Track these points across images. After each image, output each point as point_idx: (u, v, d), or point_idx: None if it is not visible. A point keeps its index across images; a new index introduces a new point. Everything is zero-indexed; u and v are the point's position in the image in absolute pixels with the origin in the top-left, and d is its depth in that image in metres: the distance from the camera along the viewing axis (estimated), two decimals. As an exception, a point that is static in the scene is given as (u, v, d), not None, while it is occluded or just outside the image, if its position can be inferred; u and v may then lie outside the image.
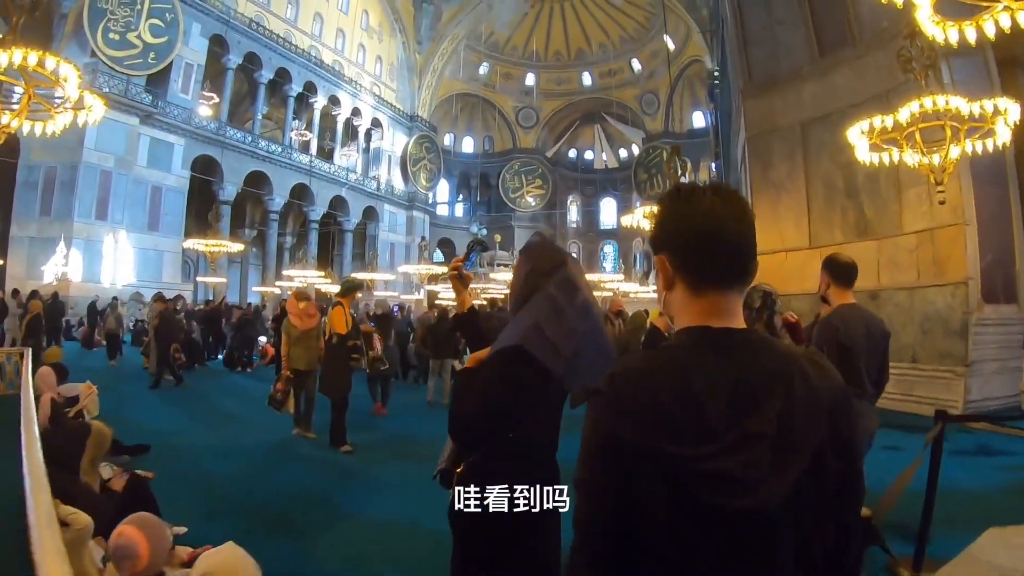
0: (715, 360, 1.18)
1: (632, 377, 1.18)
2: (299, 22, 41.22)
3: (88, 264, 26.71)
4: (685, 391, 1.13)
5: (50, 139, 25.37)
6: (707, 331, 1.23)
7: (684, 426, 1.11)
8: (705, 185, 1.29)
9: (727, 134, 28.20)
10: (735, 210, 1.25)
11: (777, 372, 1.17)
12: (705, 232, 1.23)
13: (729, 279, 1.26)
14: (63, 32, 28.19)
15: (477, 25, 49.98)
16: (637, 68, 52.76)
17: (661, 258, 1.30)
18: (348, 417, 8.67)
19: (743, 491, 1.08)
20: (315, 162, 40.95)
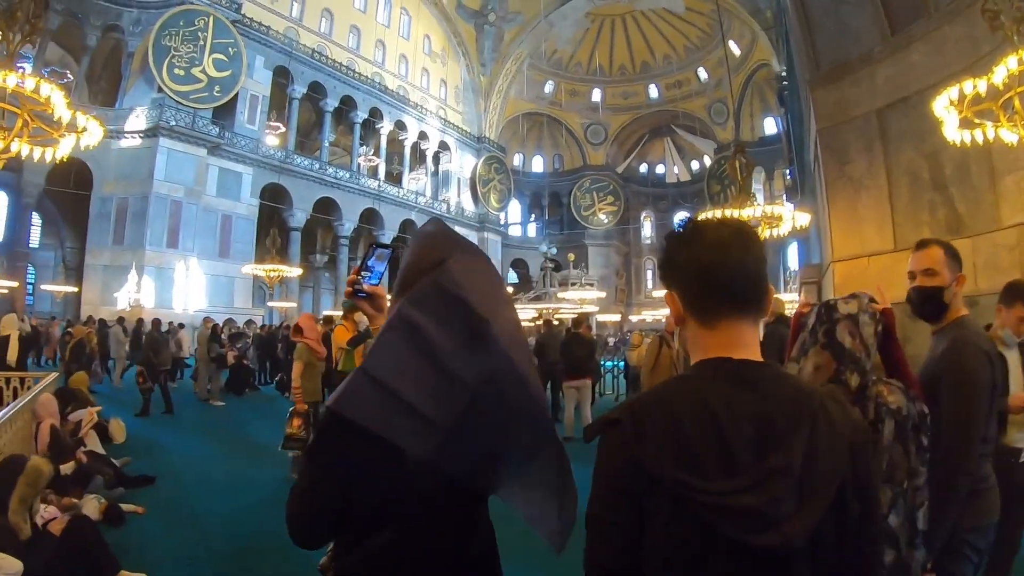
0: (737, 392, 1.16)
1: (654, 406, 1.18)
2: (361, 50, 41.99)
3: (160, 290, 27.72)
4: (709, 422, 1.12)
5: (120, 172, 27.04)
6: (727, 363, 1.21)
7: (708, 458, 1.10)
8: (713, 220, 1.32)
9: (799, 137, 27.19)
10: (741, 241, 1.25)
11: (800, 407, 1.15)
12: (710, 265, 1.24)
13: (738, 311, 1.25)
14: (131, 70, 29.46)
15: (539, 44, 49.85)
16: (704, 77, 51.77)
17: (671, 294, 1.31)
18: None
19: (769, 527, 1.06)
20: (383, 187, 41.56)
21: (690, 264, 1.27)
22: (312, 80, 36.61)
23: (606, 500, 1.18)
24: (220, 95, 30.52)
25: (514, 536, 2.01)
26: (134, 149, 28.51)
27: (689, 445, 1.11)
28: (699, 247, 1.26)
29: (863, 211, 12.35)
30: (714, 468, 1.09)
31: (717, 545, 1.08)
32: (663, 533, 1.11)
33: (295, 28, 36.95)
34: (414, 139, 44.76)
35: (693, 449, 1.10)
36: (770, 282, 1.31)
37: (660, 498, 1.11)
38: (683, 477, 1.08)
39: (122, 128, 28.44)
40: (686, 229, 1.31)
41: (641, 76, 54.98)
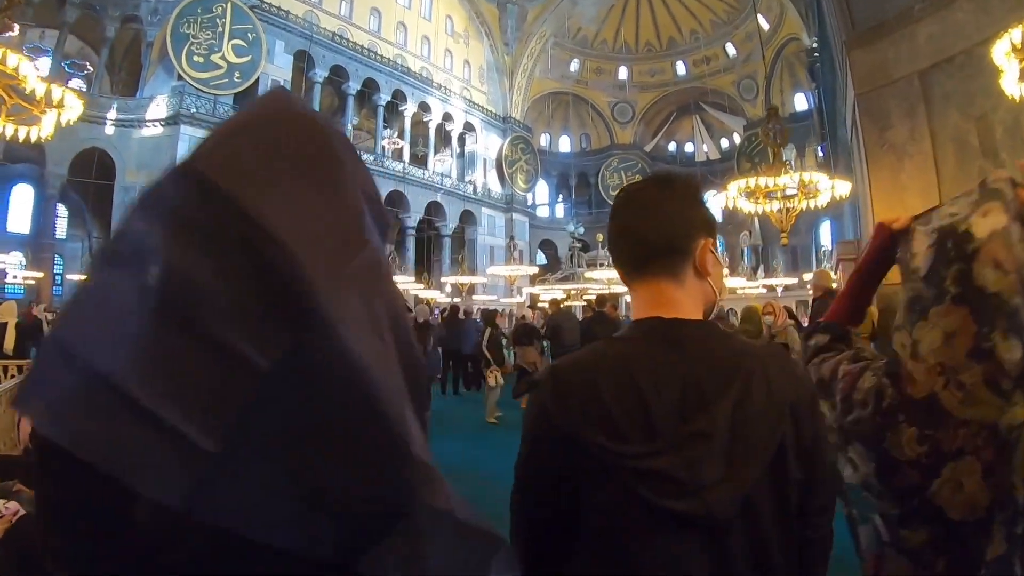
0: (663, 353, 1.15)
1: (574, 368, 1.18)
2: (383, 32, 41.74)
3: None
4: (629, 386, 1.11)
5: (143, 160, 27.08)
6: (655, 321, 1.20)
7: (628, 423, 1.08)
8: (653, 176, 1.32)
9: (832, 111, 26.51)
10: (637, 203, 1.27)
11: (732, 368, 1.12)
12: (614, 232, 1.30)
13: (649, 272, 1.24)
14: (150, 59, 29.73)
15: (563, 22, 49.22)
16: (732, 53, 50.66)
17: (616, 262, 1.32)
18: None
19: (687, 493, 1.04)
20: (408, 169, 41.22)
21: (608, 230, 1.33)
22: (333, 64, 36.47)
23: (529, 462, 1.20)
24: (240, 81, 30.45)
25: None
26: (155, 137, 28.63)
27: (608, 409, 1.09)
28: (612, 214, 1.31)
29: (906, 180, 11.53)
30: (635, 433, 1.07)
31: (641, 512, 1.06)
32: (589, 496, 1.11)
33: (315, 12, 36.75)
34: (438, 120, 44.41)
35: (612, 413, 1.09)
36: (697, 236, 1.25)
37: (583, 461, 1.10)
38: (600, 440, 1.07)
39: (143, 117, 28.59)
40: (619, 193, 1.34)
41: (668, 53, 53.98)
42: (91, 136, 28.02)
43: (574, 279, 35.70)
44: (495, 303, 33.76)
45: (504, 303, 36.19)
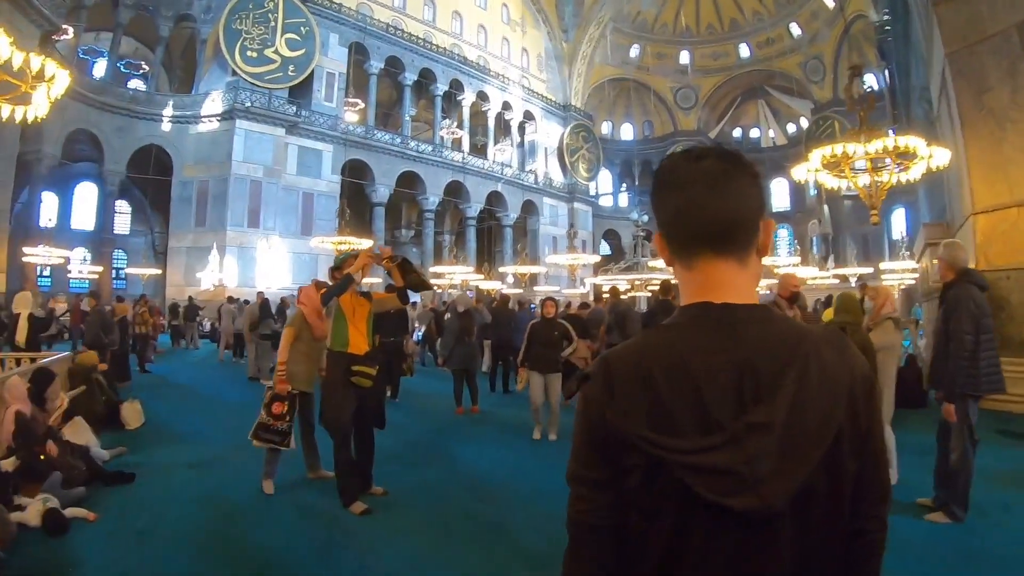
0: (716, 340, 1.08)
1: (625, 358, 1.11)
2: (438, 22, 41.50)
3: (243, 270, 28.22)
4: (683, 375, 1.05)
5: (199, 155, 27.35)
6: (706, 307, 1.13)
7: (682, 415, 1.03)
8: (703, 147, 1.20)
9: (905, 90, 25.09)
10: (709, 178, 1.14)
11: (788, 354, 1.06)
12: (679, 207, 1.16)
13: (713, 251, 1.15)
14: (204, 56, 30.37)
15: (622, 6, 48.40)
16: (797, 33, 48.86)
17: (658, 235, 1.22)
18: (390, 449, 7.33)
19: (746, 488, 0.99)
20: (468, 159, 41.00)
21: (664, 205, 1.19)
22: (389, 55, 36.46)
23: (583, 457, 1.14)
24: (295, 74, 30.68)
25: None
26: (212, 133, 29.10)
27: (661, 401, 1.04)
28: (670, 186, 1.17)
29: (1009, 150, 10.15)
30: (689, 425, 1.02)
31: (695, 506, 1.01)
32: (641, 492, 1.06)
33: (368, 4, 36.82)
34: (497, 110, 44.04)
35: (666, 406, 1.03)
36: (763, 215, 1.18)
37: (635, 456, 1.05)
38: (652, 436, 1.02)
39: (199, 113, 28.98)
40: (661, 166, 1.21)
41: (731, 35, 52.54)
42: (148, 133, 28.52)
43: (638, 269, 34.77)
44: (557, 294, 33.08)
45: (566, 294, 35.48)
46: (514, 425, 9.69)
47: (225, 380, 14.86)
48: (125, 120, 28.47)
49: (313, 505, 5.85)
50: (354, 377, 5.59)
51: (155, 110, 29.17)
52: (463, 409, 10.71)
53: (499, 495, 6.25)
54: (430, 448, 8.29)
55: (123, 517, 5.38)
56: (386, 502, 5.87)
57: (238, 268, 27.89)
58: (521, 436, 8.92)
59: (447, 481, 6.70)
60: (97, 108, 27.71)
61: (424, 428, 9.51)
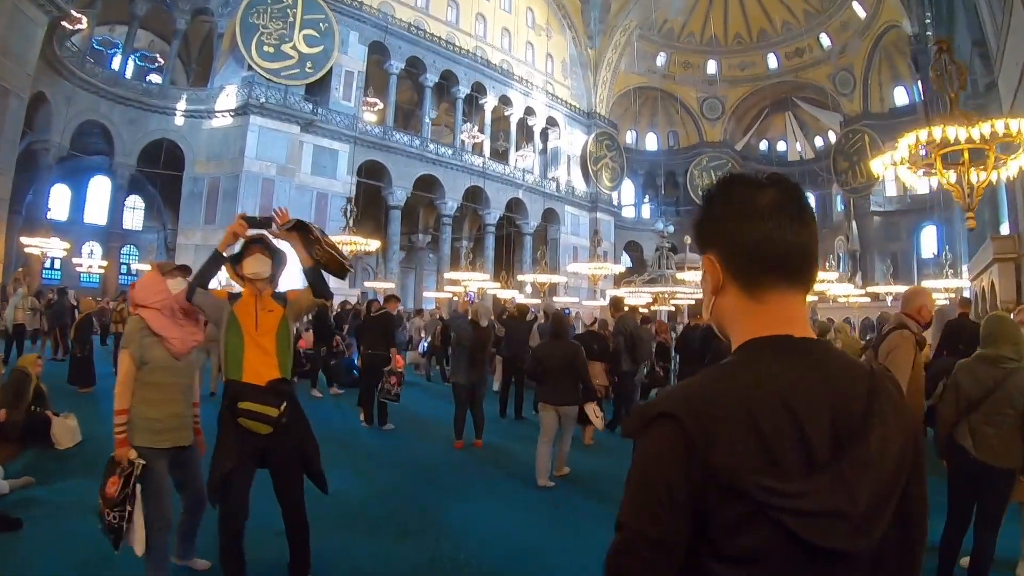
0: (808, 376, 1.03)
1: (721, 398, 1.00)
2: (461, 24, 40.86)
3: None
4: (786, 415, 0.98)
5: (212, 151, 26.99)
6: (789, 341, 1.08)
7: (785, 455, 0.96)
8: (762, 176, 1.18)
9: (945, 99, 24.20)
10: (795, 207, 1.13)
11: (869, 390, 1.05)
12: (763, 236, 1.11)
13: (789, 284, 1.13)
14: (221, 51, 30.15)
15: (649, 14, 47.44)
16: (827, 44, 47.88)
17: (709, 257, 1.17)
18: (355, 504, 6.10)
19: (853, 528, 0.94)
20: (488, 164, 40.25)
21: (738, 230, 1.13)
22: (410, 55, 35.84)
23: (653, 514, 0.99)
24: (312, 71, 30.08)
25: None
26: (225, 128, 28.52)
27: (766, 443, 0.95)
28: (748, 211, 1.12)
29: None
30: (794, 466, 0.95)
31: (789, 549, 0.93)
32: (728, 542, 0.96)
33: (390, 3, 36.22)
34: (520, 115, 43.35)
35: (771, 447, 0.95)
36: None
37: (737, 505, 0.94)
38: (767, 484, 0.93)
39: (212, 108, 28.45)
40: (732, 186, 1.17)
41: (759, 45, 51.61)
42: (161, 127, 28.03)
43: (662, 281, 33.81)
44: (576, 305, 32.22)
45: (587, 305, 34.58)
46: (524, 467, 7.70)
47: (204, 393, 12.97)
48: (137, 113, 27.98)
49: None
50: (241, 418, 3.77)
51: (168, 103, 28.67)
52: (463, 443, 8.93)
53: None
54: (411, 504, 6.35)
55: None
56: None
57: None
58: (532, 484, 7.08)
59: (425, 566, 4.80)
60: (109, 100, 27.28)
61: (410, 470, 7.64)
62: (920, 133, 8.00)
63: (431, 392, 14.80)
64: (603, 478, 7.53)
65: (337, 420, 10.81)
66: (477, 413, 9.18)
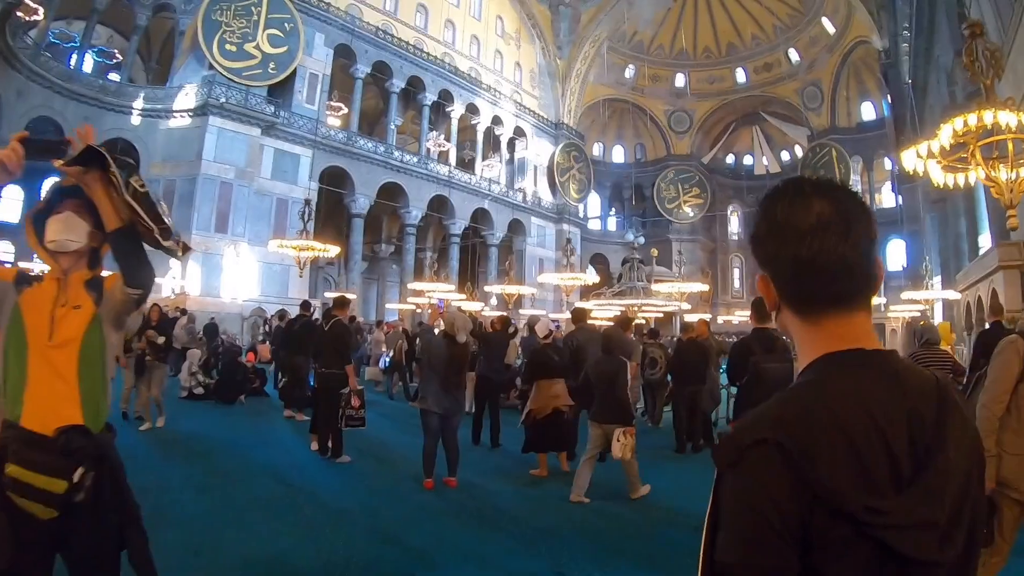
0: (888, 390, 1.01)
1: (814, 416, 0.97)
2: (429, 29, 40.16)
3: (207, 278, 26.20)
4: (875, 429, 0.97)
5: (168, 152, 25.79)
6: (865, 355, 1.06)
7: (877, 471, 0.95)
8: (813, 182, 1.11)
9: (920, 110, 24.20)
10: (841, 223, 1.06)
11: (940, 400, 1.03)
12: (805, 256, 1.06)
13: (843, 305, 1.09)
14: (181, 48, 28.93)
15: (619, 26, 47.40)
16: (795, 59, 48.48)
17: (763, 278, 1.16)
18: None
19: (943, 537, 0.95)
20: (454, 173, 39.44)
21: (781, 251, 1.08)
22: (377, 60, 34.92)
23: (770, 544, 0.93)
24: (275, 72, 29.04)
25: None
26: (183, 129, 27.27)
27: (863, 461, 0.94)
28: (791, 230, 1.06)
29: None
30: (885, 481, 0.94)
31: (885, 565, 0.93)
32: (833, 566, 0.93)
33: (357, 5, 35.36)
34: (487, 124, 42.61)
35: (867, 464, 0.94)
36: (877, 263, 1.09)
37: (837, 529, 0.92)
38: (872, 504, 0.91)
39: (171, 107, 27.17)
40: (776, 202, 1.10)
41: (727, 59, 51.91)
42: (116, 126, 26.66)
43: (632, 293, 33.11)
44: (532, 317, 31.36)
45: (554, 318, 33.79)
46: (509, 517, 6.39)
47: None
48: (92, 110, 26.31)
49: None
50: (11, 492, 2.23)
51: (125, 102, 27.26)
52: (433, 482, 7.37)
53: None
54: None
55: None
56: None
57: (202, 275, 25.94)
58: (524, 542, 5.61)
59: None
60: (63, 96, 25.79)
61: (368, 524, 5.97)
62: (969, 117, 7.16)
63: (394, 414, 13.14)
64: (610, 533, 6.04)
65: (283, 449, 9.29)
66: (450, 446, 7.62)
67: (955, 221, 22.90)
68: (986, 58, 7.25)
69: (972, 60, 7.28)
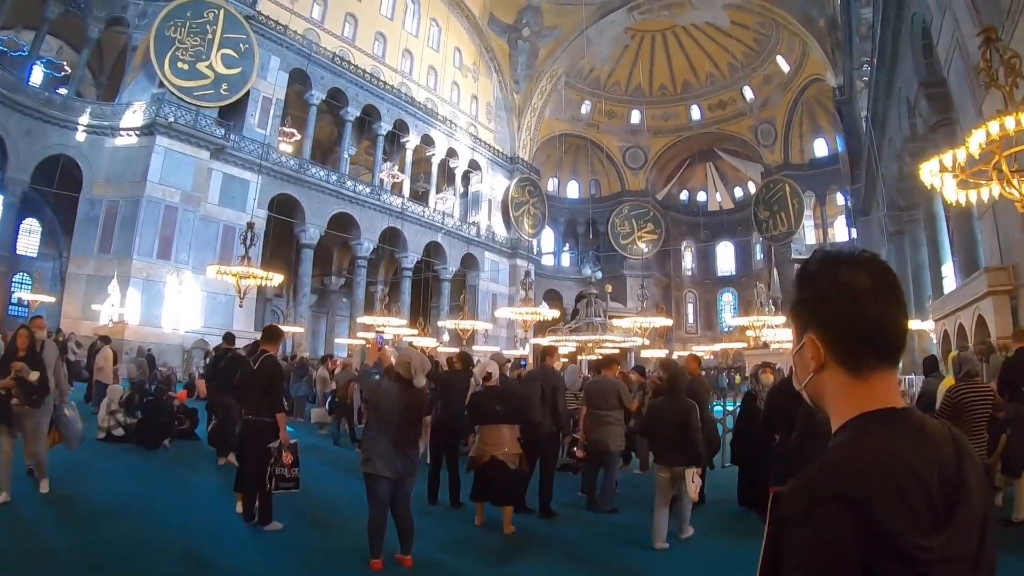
0: (921, 443, 1.12)
1: (867, 467, 1.08)
2: (387, 58, 39.52)
3: (147, 306, 24.77)
4: (917, 478, 1.07)
5: (113, 172, 24.40)
6: (898, 413, 1.17)
7: (924, 513, 1.05)
8: (857, 254, 1.24)
9: (879, 145, 24.26)
10: (897, 290, 1.21)
11: (959, 450, 1.14)
12: (874, 318, 1.18)
13: (891, 362, 1.21)
14: (132, 64, 27.64)
15: (576, 61, 47.41)
16: (749, 96, 49.09)
17: (812, 338, 1.22)
18: None
19: (973, 568, 1.08)
20: (408, 205, 38.52)
21: (846, 312, 1.19)
22: (332, 86, 34.06)
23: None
24: (227, 94, 27.97)
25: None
26: (128, 148, 25.93)
27: (913, 507, 1.04)
28: (854, 294, 1.18)
29: None
30: (928, 522, 1.04)
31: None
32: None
33: (315, 30, 34.59)
34: (442, 156, 42.04)
35: (916, 509, 1.04)
36: None
37: (893, 569, 1.02)
38: (923, 542, 1.02)
39: (117, 125, 25.86)
40: (827, 267, 1.23)
41: (683, 96, 52.26)
42: (61, 141, 25.24)
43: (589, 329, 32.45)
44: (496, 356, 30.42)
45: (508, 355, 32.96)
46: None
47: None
48: (36, 124, 24.98)
49: None
50: None
51: (71, 117, 25.84)
52: (382, 562, 5.71)
53: None
54: None
55: None
56: None
57: (142, 303, 24.48)
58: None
59: None
60: (6, 106, 24.27)
61: None
62: (1006, 120, 6.47)
63: (338, 462, 11.63)
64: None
65: (202, 511, 7.56)
66: (403, 517, 5.96)
67: (915, 252, 22.93)
68: (1004, 63, 6.70)
69: (988, 66, 6.73)
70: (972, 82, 12.03)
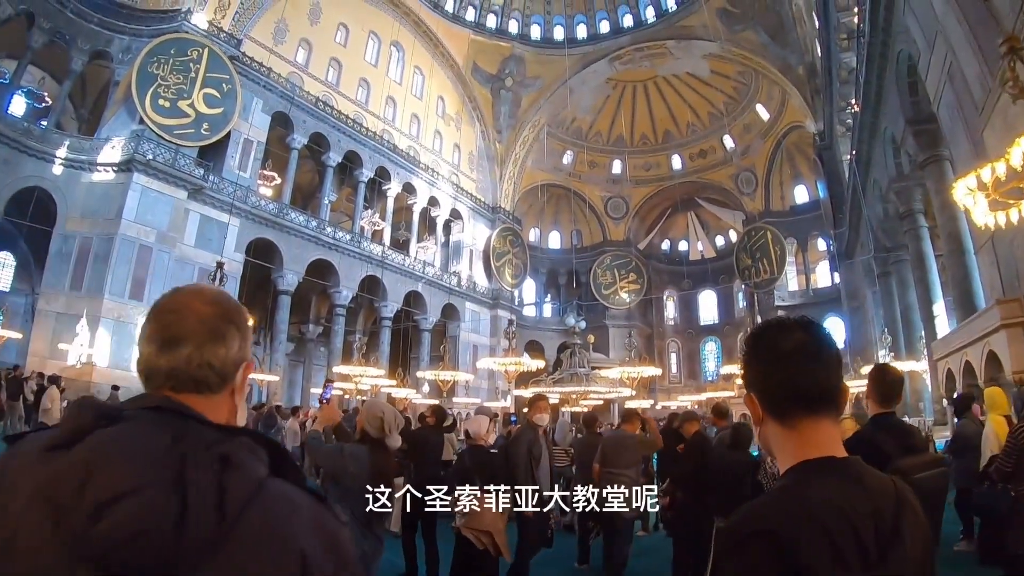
0: (856, 491, 1.20)
1: (795, 510, 1.17)
2: (370, 104, 39.31)
3: (117, 348, 23.69)
4: (844, 521, 1.14)
5: (88, 207, 23.46)
6: (833, 461, 1.26)
7: (851, 555, 1.12)
8: (791, 321, 1.36)
9: (863, 185, 24.15)
10: (811, 349, 1.31)
11: (898, 501, 1.22)
12: (784, 378, 1.31)
13: (814, 413, 1.30)
14: (114, 99, 27.05)
15: (558, 111, 47.70)
16: (730, 145, 49.44)
17: (750, 396, 1.37)
18: None
19: None
20: (388, 253, 37.86)
21: (765, 374, 1.34)
22: (315, 131, 33.69)
23: None
24: (208, 134, 27.44)
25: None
26: (105, 184, 25.15)
27: (838, 548, 1.11)
28: (773, 356, 1.33)
29: None
30: (856, 564, 1.12)
31: None
32: None
33: (299, 74, 34.33)
34: (424, 204, 41.61)
35: (842, 550, 1.11)
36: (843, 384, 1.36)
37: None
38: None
39: (95, 159, 25.19)
40: (756, 336, 1.38)
41: (664, 146, 52.65)
42: (36, 173, 24.27)
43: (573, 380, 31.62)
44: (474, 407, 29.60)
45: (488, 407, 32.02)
46: None
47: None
48: (12, 153, 24.02)
49: None
50: None
51: (49, 148, 24.97)
52: None
53: None
54: None
55: None
56: None
57: (111, 345, 23.47)
58: None
59: None
60: (-20, 133, 23.48)
61: None
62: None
63: None
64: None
65: None
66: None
67: (904, 292, 22.71)
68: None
69: (1015, 75, 6.21)
70: (965, 113, 11.80)
